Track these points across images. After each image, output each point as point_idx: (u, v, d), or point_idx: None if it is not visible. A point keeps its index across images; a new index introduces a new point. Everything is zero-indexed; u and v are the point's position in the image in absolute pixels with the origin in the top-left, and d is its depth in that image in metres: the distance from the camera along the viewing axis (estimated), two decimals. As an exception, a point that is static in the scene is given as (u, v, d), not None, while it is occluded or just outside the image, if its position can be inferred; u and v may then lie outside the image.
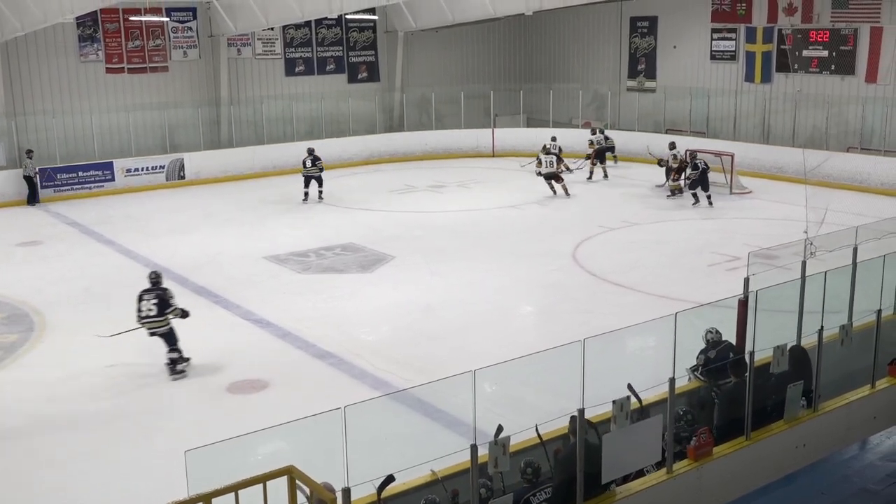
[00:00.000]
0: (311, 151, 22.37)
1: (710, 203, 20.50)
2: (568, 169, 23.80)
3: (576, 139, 28.40)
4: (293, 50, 28.77)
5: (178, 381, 11.31)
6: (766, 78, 26.28)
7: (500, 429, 6.26)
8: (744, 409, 7.67)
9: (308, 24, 28.27)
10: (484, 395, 6.82)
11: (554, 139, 25.01)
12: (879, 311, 8.92)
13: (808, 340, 8.52)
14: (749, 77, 26.71)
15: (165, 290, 11.51)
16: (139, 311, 11.35)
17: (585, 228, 18.71)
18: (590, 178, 24.23)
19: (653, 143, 24.94)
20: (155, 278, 11.64)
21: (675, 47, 28.86)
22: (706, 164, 20.86)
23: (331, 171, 26.61)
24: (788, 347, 8.26)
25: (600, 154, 24.87)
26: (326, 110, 28.44)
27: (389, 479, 6.15)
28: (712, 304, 9.17)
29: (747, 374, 7.90)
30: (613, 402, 6.72)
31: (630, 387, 7.11)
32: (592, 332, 7.09)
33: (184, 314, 11.50)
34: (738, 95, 26.87)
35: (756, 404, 7.81)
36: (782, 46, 25.64)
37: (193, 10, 26.59)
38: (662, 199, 21.74)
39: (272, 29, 27.30)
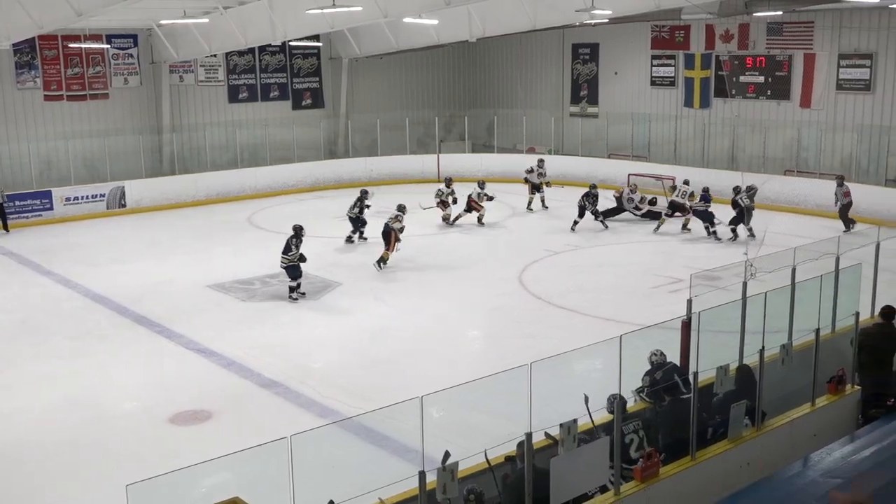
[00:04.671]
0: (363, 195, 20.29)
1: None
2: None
3: (523, 164, 28.67)
4: (236, 76, 28.63)
5: (127, 408, 11.09)
6: (704, 103, 26.86)
7: (447, 455, 6.23)
8: (686, 428, 7.75)
9: (251, 50, 28.19)
10: (431, 421, 6.79)
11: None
12: (818, 330, 9.08)
13: (750, 360, 8.65)
14: (688, 102, 27.28)
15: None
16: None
17: (531, 252, 18.83)
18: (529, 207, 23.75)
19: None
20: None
21: (616, 73, 29.37)
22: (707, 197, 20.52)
23: (276, 197, 26.54)
24: (734, 367, 8.38)
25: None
26: (271, 137, 28.30)
27: (336, 508, 6.08)
28: (656, 325, 9.27)
29: (685, 394, 8.00)
30: (561, 425, 6.74)
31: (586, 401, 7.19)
32: (539, 355, 7.11)
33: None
34: (678, 120, 27.40)
35: (701, 424, 7.90)
36: (720, 72, 26.25)
37: (134, 38, 26.33)
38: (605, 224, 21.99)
39: (215, 56, 27.16)
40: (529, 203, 23.70)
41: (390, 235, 17.56)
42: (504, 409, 7.33)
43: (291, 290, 15.77)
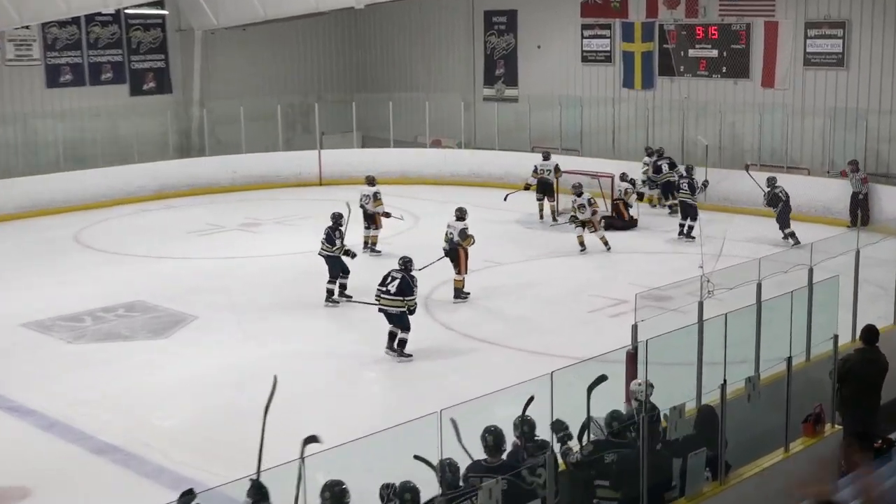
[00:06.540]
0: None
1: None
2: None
3: (427, 161, 28.84)
4: (57, 54, 28.07)
5: None
6: (647, 83, 27.44)
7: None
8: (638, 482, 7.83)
9: (76, 20, 27.65)
10: (316, 487, 6.71)
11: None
12: (790, 359, 9.26)
13: (710, 398, 8.80)
14: (628, 82, 27.82)
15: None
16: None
17: (437, 272, 18.81)
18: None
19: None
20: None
21: (539, 47, 29.78)
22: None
23: (111, 208, 26.01)
24: (690, 408, 8.50)
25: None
26: (103, 131, 27.80)
27: None
28: (595, 358, 9.37)
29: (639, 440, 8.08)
30: (481, 487, 6.73)
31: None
32: (451, 400, 7.11)
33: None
34: (616, 104, 27.91)
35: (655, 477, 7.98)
36: (665, 46, 26.85)
37: (-81, 4, 25.59)
38: (530, 234, 22.20)
39: (28, 28, 26.53)
40: (554, 214, 23.01)
41: (458, 254, 17.11)
42: (409, 470, 7.28)
43: (329, 292, 16.87)
